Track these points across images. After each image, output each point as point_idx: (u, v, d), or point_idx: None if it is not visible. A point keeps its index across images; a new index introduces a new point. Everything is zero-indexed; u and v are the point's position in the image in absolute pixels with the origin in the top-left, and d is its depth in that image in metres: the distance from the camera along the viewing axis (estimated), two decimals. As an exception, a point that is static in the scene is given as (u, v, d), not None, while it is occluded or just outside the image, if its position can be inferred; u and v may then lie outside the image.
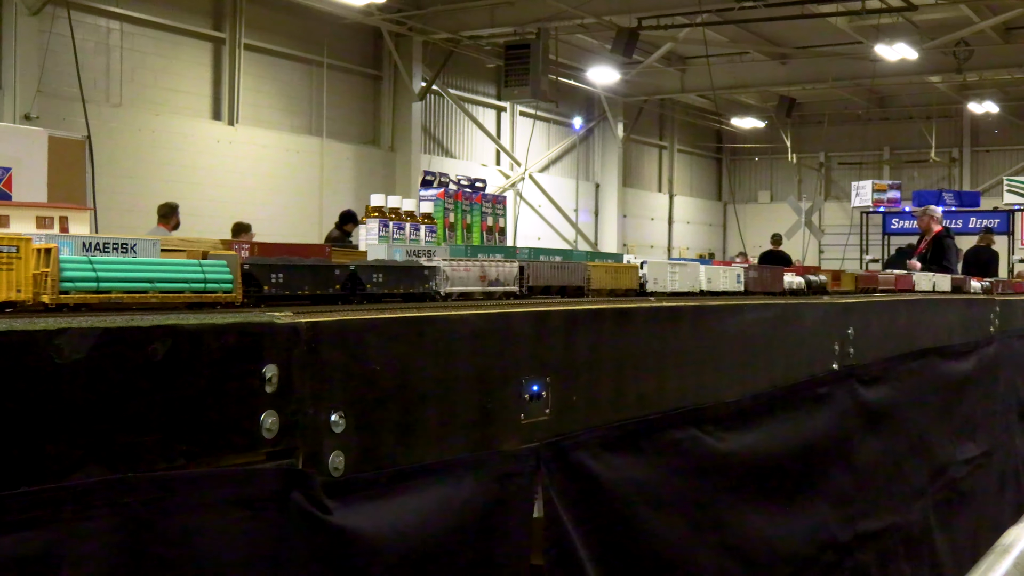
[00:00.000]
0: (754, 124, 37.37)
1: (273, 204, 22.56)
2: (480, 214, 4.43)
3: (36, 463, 1.96)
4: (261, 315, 2.46)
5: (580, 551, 3.42)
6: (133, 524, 2.07)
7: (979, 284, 9.00)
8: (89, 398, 2.05)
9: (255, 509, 2.32)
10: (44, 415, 1.97)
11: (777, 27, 27.34)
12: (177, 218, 15.39)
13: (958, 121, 38.00)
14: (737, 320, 4.76)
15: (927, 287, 7.92)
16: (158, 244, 2.65)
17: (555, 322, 3.49)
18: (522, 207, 30.37)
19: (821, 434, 5.35)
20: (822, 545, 5.32)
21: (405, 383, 2.81)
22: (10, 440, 1.92)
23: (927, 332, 7.20)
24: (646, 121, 36.78)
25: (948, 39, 26.72)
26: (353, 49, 25.61)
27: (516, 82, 23.82)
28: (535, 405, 3.31)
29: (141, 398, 2.14)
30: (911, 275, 7.79)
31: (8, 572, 1.89)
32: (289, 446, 2.45)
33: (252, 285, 2.67)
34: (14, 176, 5.11)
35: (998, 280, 9.76)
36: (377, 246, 3.77)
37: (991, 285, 9.18)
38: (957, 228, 29.33)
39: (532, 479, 3.24)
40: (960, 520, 7.47)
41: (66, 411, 2.01)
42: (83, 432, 2.04)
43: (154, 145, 20.66)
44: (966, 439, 7.72)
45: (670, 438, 4.05)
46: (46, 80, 18.40)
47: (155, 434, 2.17)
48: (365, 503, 2.60)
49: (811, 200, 32.41)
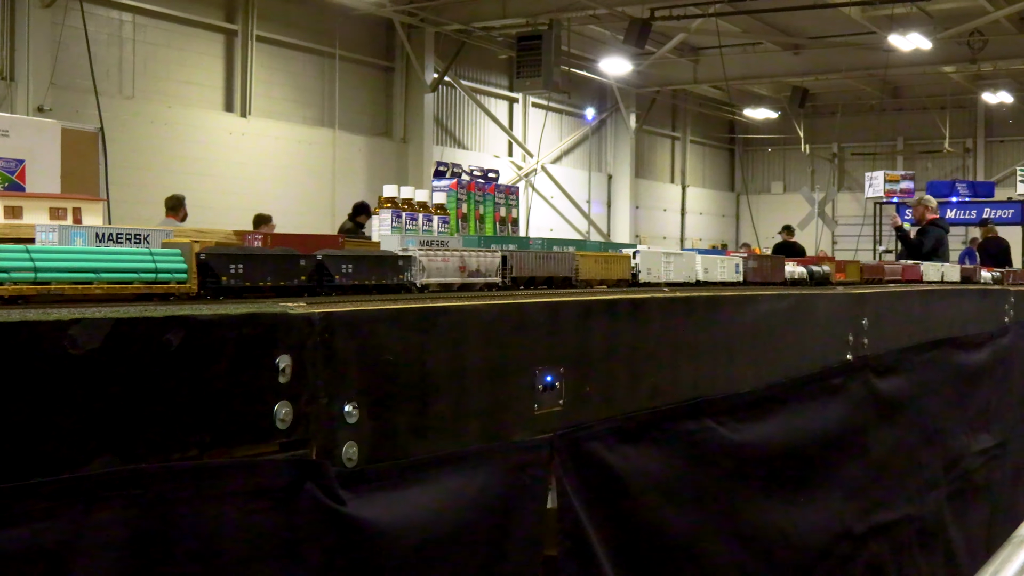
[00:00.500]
0: (767, 115, 37.26)
1: (285, 196, 22.56)
2: (493, 205, 4.42)
3: (50, 453, 1.96)
4: (274, 305, 2.45)
5: (594, 542, 3.41)
6: (146, 514, 2.07)
7: (990, 274, 8.94)
8: (102, 389, 2.04)
9: (268, 500, 2.31)
10: (57, 406, 1.97)
11: (790, 17, 27.26)
12: (184, 210, 15.41)
13: (972, 111, 37.87)
14: (751, 310, 4.75)
15: (935, 277, 7.82)
16: (171, 234, 2.64)
17: (569, 312, 3.48)
18: (534, 198, 30.35)
19: (835, 425, 5.33)
20: (836, 536, 5.31)
21: (419, 374, 2.81)
22: (24, 430, 1.92)
23: (941, 322, 7.17)
24: (659, 112, 36.71)
25: (962, 29, 26.60)
26: (365, 41, 25.59)
27: (528, 73, 23.80)
28: (548, 396, 3.30)
29: (154, 389, 2.14)
30: (919, 265, 7.63)
31: (23, 562, 1.89)
32: (302, 437, 2.45)
33: (209, 276, 2.53)
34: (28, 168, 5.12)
35: (1009, 270, 9.70)
36: (390, 237, 3.77)
37: (1002, 275, 9.13)
38: (971, 219, 29.28)
39: (546, 470, 3.23)
40: (975, 512, 7.45)
41: (79, 402, 2.01)
42: (96, 423, 2.04)
43: (167, 137, 20.67)
44: (981, 430, 7.69)
45: (684, 429, 4.04)
46: (59, 72, 18.41)
47: (168, 425, 2.16)
48: (379, 494, 2.60)
49: (824, 191, 32.30)
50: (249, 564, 2.27)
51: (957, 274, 8.37)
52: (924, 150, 38.87)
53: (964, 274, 8.52)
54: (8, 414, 1.90)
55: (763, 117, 37.60)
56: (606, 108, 33.97)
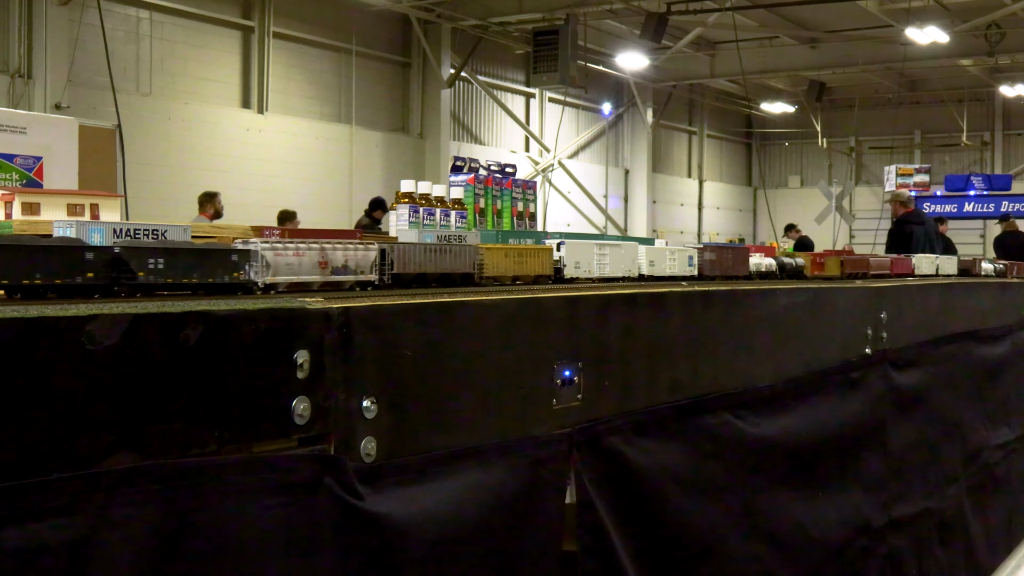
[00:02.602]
0: (784, 109, 37.17)
1: (303, 192, 22.58)
2: (510, 199, 4.41)
3: (68, 449, 1.96)
4: (292, 300, 2.45)
5: (613, 536, 3.41)
6: (165, 510, 2.07)
7: (991, 266, 8.68)
8: (121, 384, 2.04)
9: (287, 495, 2.31)
10: (76, 401, 1.97)
11: (807, 11, 27.17)
12: (215, 206, 15.33)
13: (990, 104, 37.72)
14: (769, 304, 4.73)
15: (929, 271, 7.37)
16: (188, 230, 2.64)
17: (588, 307, 3.47)
18: (551, 193, 30.32)
19: (854, 419, 5.31)
20: (856, 530, 5.29)
21: (437, 368, 2.80)
22: (42, 426, 1.92)
23: (960, 316, 7.15)
24: (675, 106, 36.64)
25: (979, 22, 26.50)
26: (382, 36, 25.59)
27: (545, 68, 23.78)
28: (567, 390, 3.29)
29: (173, 384, 2.14)
30: (910, 259, 7.17)
31: (42, 558, 1.89)
32: (321, 432, 2.44)
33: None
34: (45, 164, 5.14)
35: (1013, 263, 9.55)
36: (408, 231, 3.77)
37: (1006, 267, 8.95)
38: (988, 212, 29.17)
39: (565, 464, 3.22)
40: (995, 505, 7.42)
41: (98, 397, 2.00)
42: (115, 418, 2.03)
43: (184, 133, 20.71)
44: (1000, 423, 7.67)
45: (703, 423, 4.03)
46: (76, 70, 18.44)
47: (187, 420, 2.16)
48: (397, 489, 2.59)
49: (841, 185, 32.21)
50: (268, 559, 2.27)
51: (954, 266, 7.97)
52: (942, 143, 38.73)
53: (963, 266, 8.16)
54: (26, 410, 1.90)
55: (780, 111, 37.50)
56: (623, 103, 33.92)
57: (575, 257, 3.83)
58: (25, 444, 1.90)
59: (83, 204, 3.36)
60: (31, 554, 1.88)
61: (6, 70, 18.26)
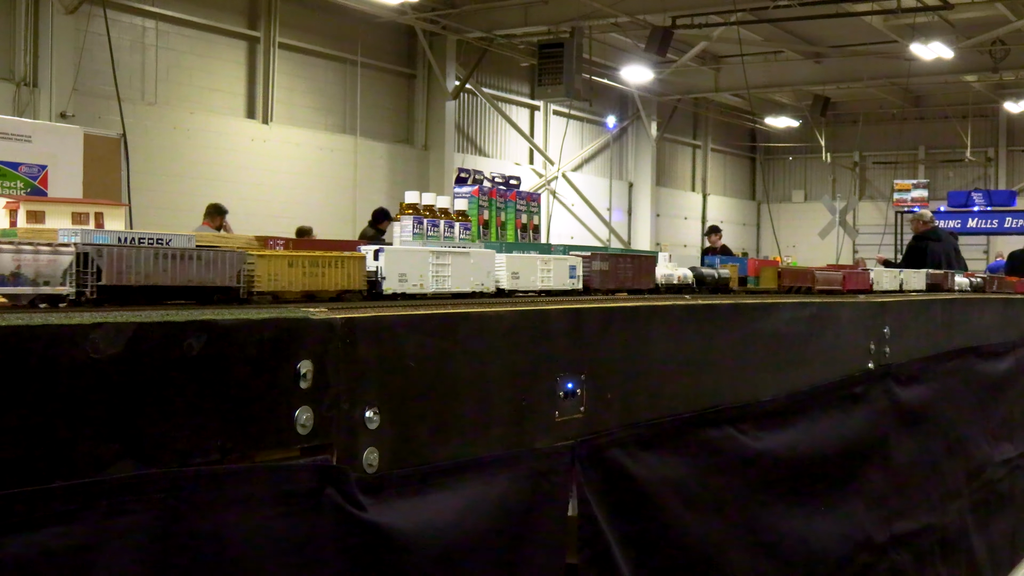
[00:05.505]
0: (788, 123, 37.19)
1: (307, 202, 22.63)
2: (515, 211, 4.41)
3: (71, 457, 1.96)
4: (296, 310, 2.45)
5: (615, 550, 3.40)
6: (167, 519, 2.07)
7: (966, 280, 8.16)
8: (124, 393, 2.04)
9: (289, 505, 2.31)
10: (79, 409, 1.97)
11: (812, 26, 27.21)
12: (222, 219, 15.35)
13: (994, 120, 37.78)
14: (772, 319, 4.73)
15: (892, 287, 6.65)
16: (193, 239, 2.64)
17: (591, 319, 3.47)
18: (555, 206, 30.35)
19: (857, 434, 5.31)
20: (858, 545, 5.28)
21: (440, 380, 2.80)
22: (45, 434, 1.92)
23: (963, 331, 7.14)
24: (680, 120, 36.69)
25: (984, 38, 26.54)
26: (387, 48, 25.65)
27: (550, 81, 23.83)
28: (570, 403, 3.29)
29: (176, 393, 2.14)
30: (868, 273, 6.38)
31: (43, 567, 1.89)
32: (323, 442, 2.44)
33: None
34: (50, 173, 5.15)
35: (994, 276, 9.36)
36: (411, 243, 3.77)
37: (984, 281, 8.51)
38: (992, 228, 29.17)
39: (567, 477, 3.22)
40: (998, 522, 7.41)
41: (101, 405, 2.01)
42: (118, 427, 2.03)
43: (189, 143, 20.76)
44: (1003, 440, 7.66)
45: (705, 437, 4.02)
46: (82, 78, 18.49)
47: (190, 429, 2.16)
48: (399, 500, 2.59)
49: (845, 200, 32.23)
50: (269, 570, 2.27)
51: (922, 281, 7.26)
52: (946, 159, 38.76)
53: (932, 280, 7.44)
54: (29, 417, 1.90)
55: (784, 125, 37.53)
56: (627, 116, 33.96)
57: (398, 268, 3.06)
58: (27, 451, 1.90)
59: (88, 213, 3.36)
60: (32, 562, 1.87)
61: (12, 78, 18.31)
